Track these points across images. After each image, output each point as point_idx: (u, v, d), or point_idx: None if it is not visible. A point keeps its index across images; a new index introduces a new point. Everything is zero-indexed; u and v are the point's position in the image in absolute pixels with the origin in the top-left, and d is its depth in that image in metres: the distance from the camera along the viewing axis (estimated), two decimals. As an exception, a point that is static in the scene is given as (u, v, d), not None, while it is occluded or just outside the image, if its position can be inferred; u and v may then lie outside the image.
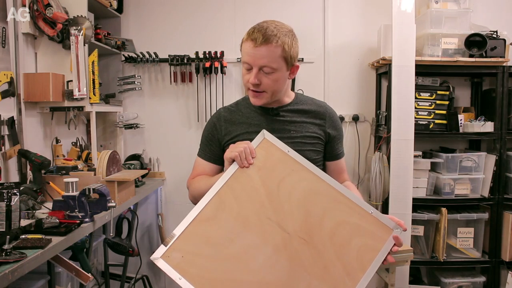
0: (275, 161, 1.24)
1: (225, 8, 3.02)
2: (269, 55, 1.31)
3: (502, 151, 2.65)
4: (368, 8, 2.98)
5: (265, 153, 1.25)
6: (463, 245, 2.70)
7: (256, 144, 1.26)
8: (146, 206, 3.11)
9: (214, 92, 3.00)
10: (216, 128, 1.50)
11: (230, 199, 1.19)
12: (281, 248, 1.13)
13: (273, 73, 1.34)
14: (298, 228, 1.15)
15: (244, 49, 1.36)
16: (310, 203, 1.18)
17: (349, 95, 3.03)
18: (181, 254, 1.11)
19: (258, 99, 1.40)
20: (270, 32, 1.30)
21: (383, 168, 2.70)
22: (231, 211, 1.17)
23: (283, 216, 1.16)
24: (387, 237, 1.15)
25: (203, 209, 1.17)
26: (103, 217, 1.86)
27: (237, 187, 1.20)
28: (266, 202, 1.18)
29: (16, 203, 1.47)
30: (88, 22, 2.32)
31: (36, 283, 1.76)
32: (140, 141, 3.11)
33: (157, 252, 1.10)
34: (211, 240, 1.13)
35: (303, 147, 1.42)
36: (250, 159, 1.23)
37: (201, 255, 1.12)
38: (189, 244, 1.12)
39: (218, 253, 1.12)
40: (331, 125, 1.50)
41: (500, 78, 2.63)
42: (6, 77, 2.04)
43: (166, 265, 1.09)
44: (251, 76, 1.34)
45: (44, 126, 2.39)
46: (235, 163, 1.24)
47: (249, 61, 1.33)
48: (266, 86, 1.36)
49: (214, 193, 1.19)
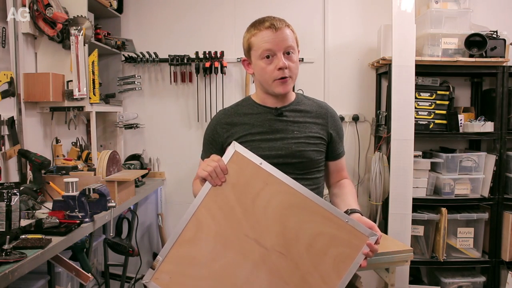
0: (248, 175, 1.22)
1: (225, 8, 3.03)
2: (289, 36, 1.37)
3: (502, 151, 2.65)
4: (368, 8, 2.98)
5: (237, 168, 1.22)
6: (463, 245, 2.70)
7: (227, 159, 1.22)
8: (146, 206, 3.11)
9: (214, 92, 3.00)
10: (217, 132, 1.48)
11: (207, 219, 1.20)
12: (260, 263, 1.17)
13: (294, 54, 1.39)
14: (275, 243, 1.18)
15: (260, 40, 1.37)
16: (286, 216, 1.19)
17: (349, 95, 3.03)
18: (169, 276, 1.18)
19: (285, 85, 1.39)
20: (278, 19, 1.39)
21: (383, 168, 2.70)
22: (210, 231, 1.20)
23: (260, 232, 1.19)
24: (363, 244, 1.17)
25: (182, 231, 1.20)
26: (103, 217, 1.86)
27: (212, 206, 1.21)
28: (242, 219, 1.19)
29: (16, 203, 1.47)
30: (88, 22, 2.32)
31: (36, 283, 1.75)
32: (140, 141, 3.11)
33: (147, 276, 1.18)
34: (195, 261, 1.19)
35: (306, 148, 1.42)
36: (222, 176, 1.21)
37: (186, 275, 1.18)
38: (174, 265, 1.18)
39: (202, 272, 1.18)
40: (333, 125, 1.50)
41: (500, 78, 2.63)
42: (6, 77, 2.04)
43: (157, 286, 1.17)
44: (279, 61, 1.35)
45: (44, 126, 2.39)
46: (207, 182, 1.22)
47: (272, 47, 1.35)
48: (292, 70, 1.38)
49: (191, 215, 1.21)
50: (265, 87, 1.42)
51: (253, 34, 1.38)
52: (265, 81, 1.40)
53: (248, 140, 1.42)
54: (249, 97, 1.53)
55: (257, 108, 1.47)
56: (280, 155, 1.39)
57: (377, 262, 1.78)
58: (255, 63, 1.40)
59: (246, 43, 1.43)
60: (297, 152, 1.41)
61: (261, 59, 1.37)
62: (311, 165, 1.45)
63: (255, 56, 1.40)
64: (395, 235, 2.49)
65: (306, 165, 1.43)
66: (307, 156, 1.42)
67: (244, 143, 1.39)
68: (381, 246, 1.82)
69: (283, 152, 1.40)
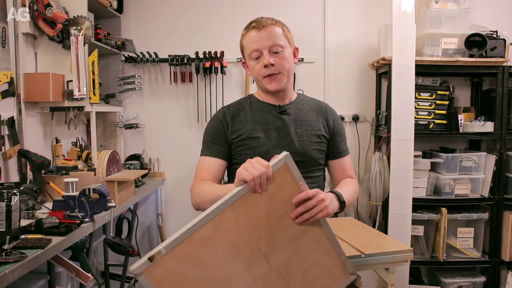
0: (285, 192, 1.17)
1: (225, 8, 3.03)
2: (273, 34, 1.38)
3: (502, 151, 2.65)
4: (368, 8, 2.98)
5: (280, 182, 1.15)
6: (463, 245, 2.70)
7: (276, 169, 1.14)
8: (146, 206, 3.11)
9: (214, 92, 3.00)
10: (223, 124, 1.46)
11: (229, 224, 1.11)
12: (260, 278, 1.15)
13: (282, 51, 1.39)
14: (280, 262, 1.17)
15: (247, 41, 1.40)
16: (300, 241, 1.19)
17: (349, 95, 3.03)
18: (164, 272, 1.05)
19: (275, 82, 1.40)
20: (266, 18, 1.41)
21: (383, 168, 2.70)
22: (227, 236, 1.11)
23: (273, 250, 1.16)
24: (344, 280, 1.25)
25: (199, 229, 1.08)
26: (103, 217, 1.86)
27: (240, 212, 1.12)
28: (263, 233, 1.15)
29: (16, 203, 1.47)
30: (88, 22, 2.32)
31: (36, 283, 1.75)
32: (140, 141, 3.11)
33: (139, 267, 1.01)
34: (199, 262, 1.09)
35: (308, 146, 1.44)
36: (264, 184, 1.10)
37: (184, 275, 1.07)
38: (176, 263, 1.06)
39: (202, 276, 1.09)
40: (333, 122, 1.52)
41: (500, 78, 2.63)
42: (6, 77, 2.04)
43: (147, 280, 1.03)
44: (264, 59, 1.37)
45: (44, 126, 2.39)
46: (246, 185, 1.10)
47: (257, 46, 1.37)
48: (279, 66, 1.38)
49: (215, 214, 1.09)
50: (259, 85, 1.46)
51: (243, 35, 1.43)
52: (257, 80, 1.44)
53: (254, 137, 1.43)
54: (252, 95, 1.54)
55: (260, 105, 1.48)
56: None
57: (377, 262, 1.77)
58: (248, 63, 1.45)
59: (240, 45, 1.47)
60: (300, 150, 1.42)
61: (251, 59, 1.41)
62: (313, 164, 1.46)
63: (246, 57, 1.44)
64: (395, 235, 2.49)
65: (308, 163, 1.44)
66: (309, 155, 1.43)
67: (250, 139, 1.41)
68: (381, 246, 1.83)
69: (286, 150, 1.40)
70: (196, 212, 1.29)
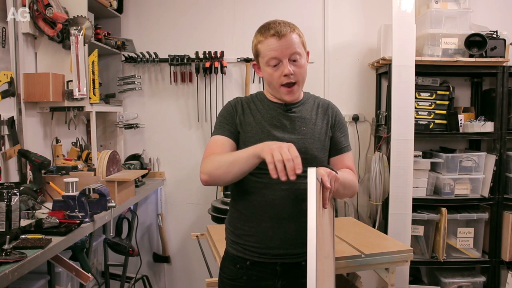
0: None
1: (225, 8, 3.02)
2: (294, 42, 1.39)
3: (502, 151, 2.65)
4: (368, 8, 2.98)
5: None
6: (463, 245, 2.70)
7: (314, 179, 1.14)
8: (146, 206, 3.11)
9: (214, 92, 3.00)
10: (236, 111, 1.49)
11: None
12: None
13: (300, 59, 1.41)
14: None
15: (266, 48, 1.39)
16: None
17: (349, 95, 3.03)
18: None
19: (292, 94, 1.43)
20: (283, 24, 1.40)
21: (383, 168, 2.70)
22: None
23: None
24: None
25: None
26: (103, 217, 1.86)
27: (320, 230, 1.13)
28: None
29: (16, 203, 1.47)
30: (88, 22, 2.32)
31: (36, 283, 1.76)
32: (140, 141, 3.11)
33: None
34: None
35: (311, 145, 1.45)
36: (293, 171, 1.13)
37: None
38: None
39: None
40: (336, 118, 1.54)
41: (500, 78, 2.63)
42: (6, 77, 2.04)
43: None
44: (285, 68, 1.38)
45: (44, 126, 2.39)
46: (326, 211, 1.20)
47: (278, 55, 1.37)
48: (298, 76, 1.41)
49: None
50: (274, 91, 1.47)
51: (260, 41, 1.42)
52: (273, 86, 1.45)
53: (259, 131, 1.45)
54: (261, 92, 1.57)
55: (267, 102, 1.51)
56: None
57: (377, 262, 1.77)
58: (263, 69, 1.45)
59: (254, 48, 1.47)
60: (302, 149, 1.43)
61: (267, 66, 1.41)
62: (314, 163, 1.46)
63: (262, 63, 1.44)
64: (395, 235, 2.49)
65: (310, 162, 1.44)
66: (311, 154, 1.45)
67: (258, 134, 1.44)
68: (381, 246, 1.83)
69: None
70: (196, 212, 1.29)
